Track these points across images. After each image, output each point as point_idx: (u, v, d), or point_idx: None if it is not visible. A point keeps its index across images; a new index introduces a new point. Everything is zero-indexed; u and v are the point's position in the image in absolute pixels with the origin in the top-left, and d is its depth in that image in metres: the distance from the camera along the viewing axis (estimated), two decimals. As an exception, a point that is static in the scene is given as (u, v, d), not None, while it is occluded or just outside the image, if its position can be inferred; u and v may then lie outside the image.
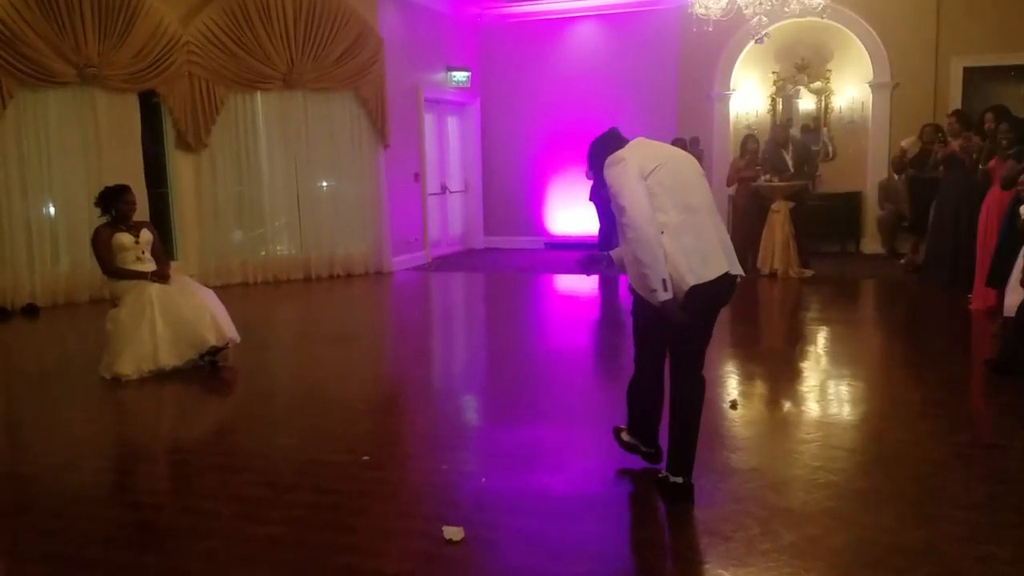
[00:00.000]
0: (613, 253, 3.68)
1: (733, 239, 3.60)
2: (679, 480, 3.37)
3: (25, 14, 8.09)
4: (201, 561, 3.01)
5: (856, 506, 3.35)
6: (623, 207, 3.20)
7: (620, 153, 3.33)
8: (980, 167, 7.30)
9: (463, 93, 12.29)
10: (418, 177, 11.34)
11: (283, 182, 10.15)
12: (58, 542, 3.21)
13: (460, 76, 12.03)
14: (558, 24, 12.20)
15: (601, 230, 10.03)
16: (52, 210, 8.76)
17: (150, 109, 9.35)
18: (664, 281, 3.13)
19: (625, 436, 3.82)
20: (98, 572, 2.97)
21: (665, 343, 3.47)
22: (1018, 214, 5.86)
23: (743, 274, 3.42)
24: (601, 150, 3.41)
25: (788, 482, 3.61)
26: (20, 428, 4.99)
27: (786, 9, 7.75)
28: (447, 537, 3.11)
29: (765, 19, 7.82)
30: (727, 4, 7.76)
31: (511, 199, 12.82)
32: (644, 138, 3.51)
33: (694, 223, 3.22)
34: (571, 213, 12.15)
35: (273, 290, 9.59)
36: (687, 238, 3.19)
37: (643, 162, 3.27)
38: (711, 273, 3.20)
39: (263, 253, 10.26)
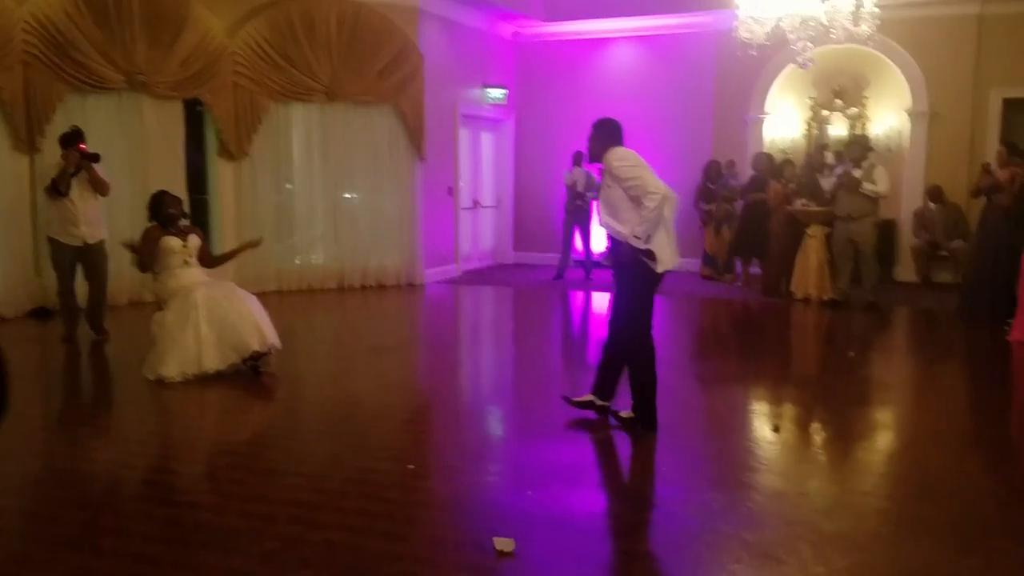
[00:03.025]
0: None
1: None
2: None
3: (77, 20, 8.27)
4: (262, 563, 3.06)
5: (906, 534, 3.36)
6: (644, 182, 4.31)
7: (631, 154, 4.42)
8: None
9: (499, 110, 12.39)
10: (451, 191, 11.43)
11: (320, 192, 10.26)
12: (120, 539, 3.29)
13: (497, 93, 12.13)
14: (595, 45, 12.27)
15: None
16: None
17: (194, 117, 9.52)
18: (649, 236, 4.39)
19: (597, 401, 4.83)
20: (162, 569, 3.03)
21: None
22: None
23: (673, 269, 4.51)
24: (610, 135, 4.55)
25: (837, 508, 3.62)
26: (73, 427, 5.09)
27: (831, 34, 7.76)
28: (498, 548, 3.15)
29: (811, 44, 7.85)
30: (772, 29, 7.80)
31: (542, 216, 12.85)
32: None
33: (668, 228, 4.43)
34: (599, 231, 12.17)
35: (307, 299, 9.69)
36: (662, 234, 4.40)
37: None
38: (664, 266, 4.43)
39: (298, 261, 10.37)
